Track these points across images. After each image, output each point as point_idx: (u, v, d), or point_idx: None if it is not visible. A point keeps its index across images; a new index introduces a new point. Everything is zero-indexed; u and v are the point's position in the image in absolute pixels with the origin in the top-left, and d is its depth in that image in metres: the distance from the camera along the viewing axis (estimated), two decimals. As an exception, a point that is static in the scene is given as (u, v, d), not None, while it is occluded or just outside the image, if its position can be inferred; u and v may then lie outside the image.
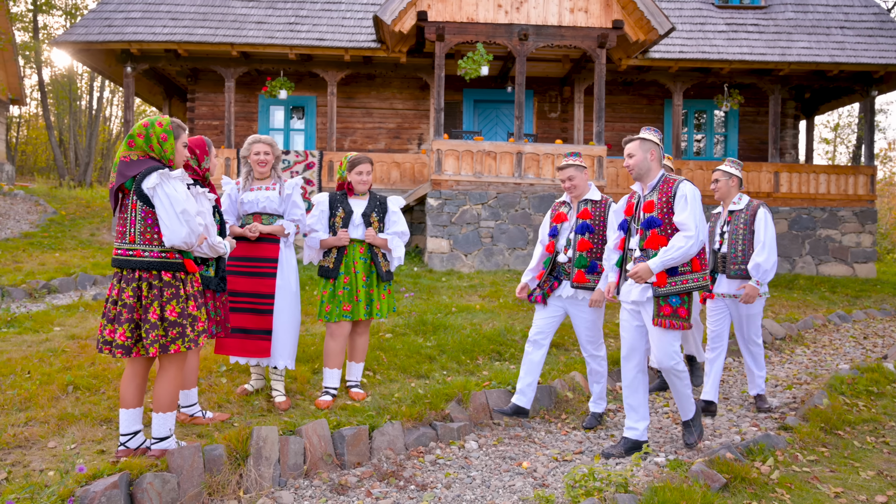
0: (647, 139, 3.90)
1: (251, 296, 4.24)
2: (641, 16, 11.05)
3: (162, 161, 3.29)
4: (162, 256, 3.20)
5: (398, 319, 6.66)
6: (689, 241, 3.69)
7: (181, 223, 3.15)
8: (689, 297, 3.81)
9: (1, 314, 6.60)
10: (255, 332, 4.23)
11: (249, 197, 4.31)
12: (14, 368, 4.65)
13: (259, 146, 4.33)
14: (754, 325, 4.82)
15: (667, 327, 3.77)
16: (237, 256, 4.29)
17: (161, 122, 3.29)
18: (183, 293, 3.25)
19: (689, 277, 3.79)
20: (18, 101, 21.81)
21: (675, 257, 3.70)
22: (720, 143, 14.93)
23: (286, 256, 4.33)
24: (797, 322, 7.76)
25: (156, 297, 3.18)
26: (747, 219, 4.73)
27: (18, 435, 3.56)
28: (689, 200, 3.76)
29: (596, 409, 4.58)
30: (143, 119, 3.30)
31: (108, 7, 12.98)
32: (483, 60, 11.24)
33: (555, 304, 4.45)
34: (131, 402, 3.30)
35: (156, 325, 3.15)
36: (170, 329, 3.18)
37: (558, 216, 4.49)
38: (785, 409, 4.87)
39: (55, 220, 13.64)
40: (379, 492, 3.45)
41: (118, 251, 3.22)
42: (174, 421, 3.34)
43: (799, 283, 10.79)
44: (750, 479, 3.36)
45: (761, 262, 4.55)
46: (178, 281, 3.25)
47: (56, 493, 2.82)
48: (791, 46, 12.80)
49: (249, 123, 14.09)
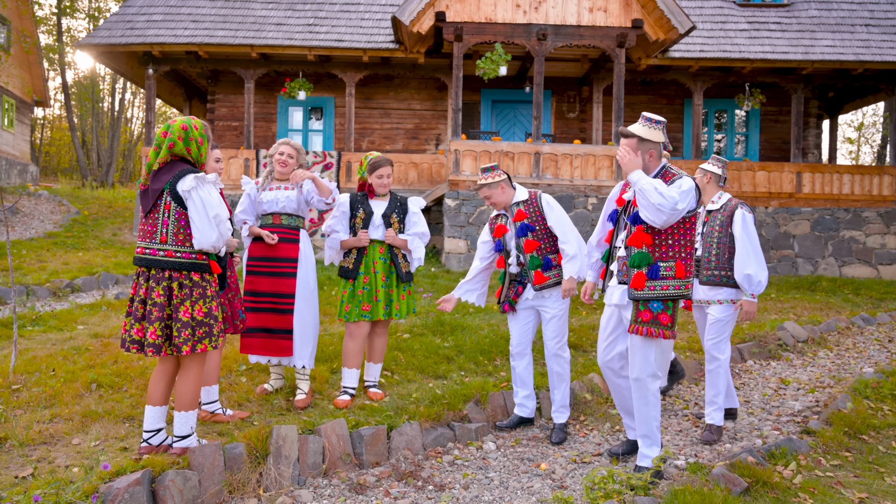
0: (647, 140, 3.48)
1: (272, 295, 4.28)
2: (661, 15, 10.96)
3: (196, 164, 3.34)
4: (192, 257, 3.25)
5: (416, 320, 6.67)
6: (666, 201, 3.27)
7: (212, 227, 3.20)
8: (672, 304, 3.45)
9: (26, 312, 6.72)
10: (278, 331, 4.27)
11: (268, 196, 4.35)
12: (39, 366, 4.74)
13: (284, 147, 4.40)
14: (716, 335, 4.31)
15: (644, 335, 3.41)
16: (257, 256, 4.33)
17: (196, 126, 3.33)
18: (209, 293, 3.30)
19: (671, 284, 3.42)
20: (43, 103, 22.22)
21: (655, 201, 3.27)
22: (741, 142, 14.76)
23: (306, 255, 4.36)
24: (820, 325, 7.64)
25: (187, 297, 3.22)
26: (723, 220, 4.31)
27: (44, 431, 3.62)
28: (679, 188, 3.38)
29: (560, 420, 4.30)
30: (175, 121, 3.30)
31: (130, 10, 13.16)
32: (501, 60, 11.22)
33: (524, 311, 4.31)
34: (158, 399, 3.34)
35: (188, 324, 3.20)
36: (197, 328, 3.22)
37: (498, 229, 4.31)
38: (808, 413, 4.79)
39: (78, 220, 13.87)
40: (397, 492, 3.46)
41: (146, 251, 3.25)
42: (195, 419, 3.37)
43: (821, 285, 10.63)
44: (772, 483, 3.31)
45: (752, 273, 4.11)
46: (205, 281, 3.29)
47: (81, 490, 2.87)
48: (815, 45, 12.62)
49: (268, 124, 14.21)
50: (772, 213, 12.15)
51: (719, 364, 4.30)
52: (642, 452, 3.60)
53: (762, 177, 12.24)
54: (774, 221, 12.14)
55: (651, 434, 3.57)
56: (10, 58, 18.99)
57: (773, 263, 11.99)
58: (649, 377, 3.49)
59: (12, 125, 19.90)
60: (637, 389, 3.54)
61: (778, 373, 6.01)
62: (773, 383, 5.65)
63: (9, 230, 5.42)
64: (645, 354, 3.47)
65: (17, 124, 20.28)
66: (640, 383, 3.52)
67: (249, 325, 4.26)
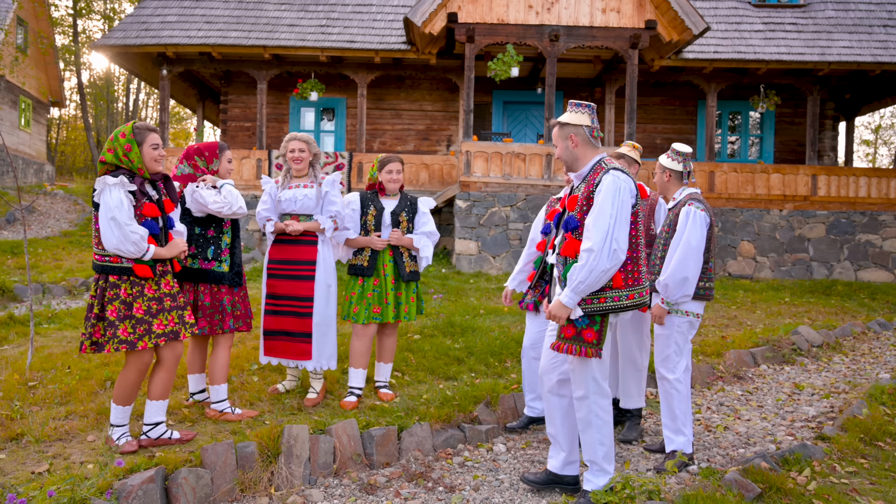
0: (565, 123, 3.17)
1: (291, 299, 4.27)
2: (675, 16, 10.91)
3: (131, 171, 3.36)
4: (106, 260, 3.31)
5: (426, 321, 6.67)
6: (591, 255, 2.93)
7: (111, 230, 3.23)
8: (601, 319, 3.06)
9: (42, 310, 6.79)
10: (298, 334, 4.26)
11: (287, 195, 4.33)
12: (55, 363, 4.79)
13: (294, 143, 4.34)
14: (662, 349, 3.81)
15: (564, 352, 3.08)
16: (276, 259, 4.34)
17: (123, 133, 3.35)
18: (124, 295, 3.30)
19: (608, 296, 3.02)
20: (58, 104, 22.47)
21: (588, 281, 2.94)
22: (755, 144, 14.65)
23: (324, 256, 4.35)
24: (835, 329, 7.56)
25: (103, 297, 3.30)
26: (672, 219, 3.87)
27: (59, 428, 3.66)
28: (603, 198, 2.97)
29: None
30: (111, 134, 3.39)
31: (144, 11, 13.28)
32: (513, 62, 11.21)
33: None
34: (151, 394, 3.51)
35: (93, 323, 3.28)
36: (107, 329, 3.27)
37: (553, 213, 3.83)
38: (822, 419, 4.75)
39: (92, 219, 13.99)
40: (408, 492, 3.46)
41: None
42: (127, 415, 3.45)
43: (837, 289, 10.51)
44: (785, 489, 3.28)
45: (664, 278, 3.69)
46: (124, 282, 3.31)
47: (95, 486, 2.89)
48: (831, 46, 12.49)
49: (281, 125, 14.28)
50: (786, 216, 12.05)
51: (670, 384, 3.76)
52: (587, 478, 3.22)
53: (776, 179, 12.13)
54: (789, 224, 12.03)
55: (598, 459, 3.17)
56: (27, 59, 19.22)
57: (788, 267, 11.89)
58: (595, 394, 3.11)
59: (29, 125, 20.13)
60: (580, 409, 3.15)
61: (792, 378, 5.96)
62: (786, 388, 5.59)
63: (26, 229, 5.50)
64: (583, 372, 3.12)
65: (33, 124, 20.52)
66: (584, 402, 3.14)
67: (271, 328, 4.27)
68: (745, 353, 6.28)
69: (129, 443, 3.39)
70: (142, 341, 3.29)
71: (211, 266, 3.87)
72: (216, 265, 3.88)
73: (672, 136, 14.20)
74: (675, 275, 3.64)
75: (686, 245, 3.64)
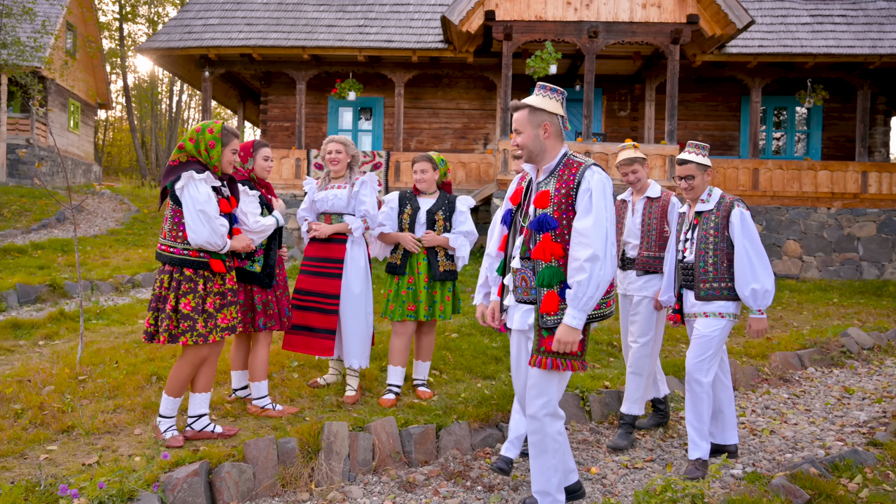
0: (539, 108, 2.84)
1: (317, 295, 4.34)
2: (718, 9, 10.65)
3: (207, 166, 3.42)
4: (184, 253, 3.36)
5: (464, 319, 6.67)
6: (596, 264, 2.66)
7: (201, 223, 3.28)
8: (587, 328, 2.84)
9: (91, 306, 7.02)
10: (320, 330, 4.32)
11: (320, 196, 4.42)
12: (103, 358, 4.94)
13: (331, 145, 4.44)
14: (699, 354, 3.64)
15: (549, 367, 2.74)
16: (310, 256, 4.42)
17: (212, 129, 3.42)
18: (201, 289, 3.37)
19: (601, 302, 2.83)
20: (105, 106, 23.21)
21: (596, 295, 2.69)
22: (801, 141, 14.21)
23: (353, 256, 4.38)
24: (887, 331, 7.28)
25: (175, 290, 3.35)
26: (718, 222, 3.66)
27: (108, 421, 3.78)
28: (596, 199, 2.73)
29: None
30: (197, 124, 3.45)
31: (187, 15, 13.59)
32: (551, 59, 11.10)
33: None
34: (196, 386, 3.58)
35: (169, 315, 3.33)
36: (182, 321, 3.33)
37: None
38: (874, 424, 4.57)
39: (138, 217, 14.40)
40: (446, 491, 3.46)
41: (159, 246, 3.46)
42: (176, 407, 3.52)
43: (889, 290, 10.13)
44: (836, 496, 3.17)
45: (758, 287, 3.53)
46: (199, 277, 3.38)
47: (142, 478, 2.97)
48: (883, 38, 12.03)
49: (319, 125, 14.44)
50: (834, 215, 11.66)
51: (702, 389, 3.63)
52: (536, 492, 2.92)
53: (824, 176, 11.75)
54: (837, 223, 11.64)
55: (550, 490, 2.88)
56: (75, 62, 19.88)
57: (836, 267, 11.50)
58: (548, 416, 2.81)
59: (77, 127, 20.83)
60: (533, 432, 2.85)
61: (841, 381, 5.76)
62: (835, 392, 5.41)
63: (76, 228, 5.70)
64: (543, 388, 2.80)
65: (81, 126, 21.22)
66: (536, 423, 2.83)
67: (294, 323, 4.33)
68: (791, 355, 6.10)
69: (175, 437, 3.47)
70: (212, 335, 3.39)
71: (244, 265, 3.94)
72: (249, 264, 3.94)
73: (714, 132, 13.89)
74: (766, 281, 3.56)
75: (759, 250, 3.58)
